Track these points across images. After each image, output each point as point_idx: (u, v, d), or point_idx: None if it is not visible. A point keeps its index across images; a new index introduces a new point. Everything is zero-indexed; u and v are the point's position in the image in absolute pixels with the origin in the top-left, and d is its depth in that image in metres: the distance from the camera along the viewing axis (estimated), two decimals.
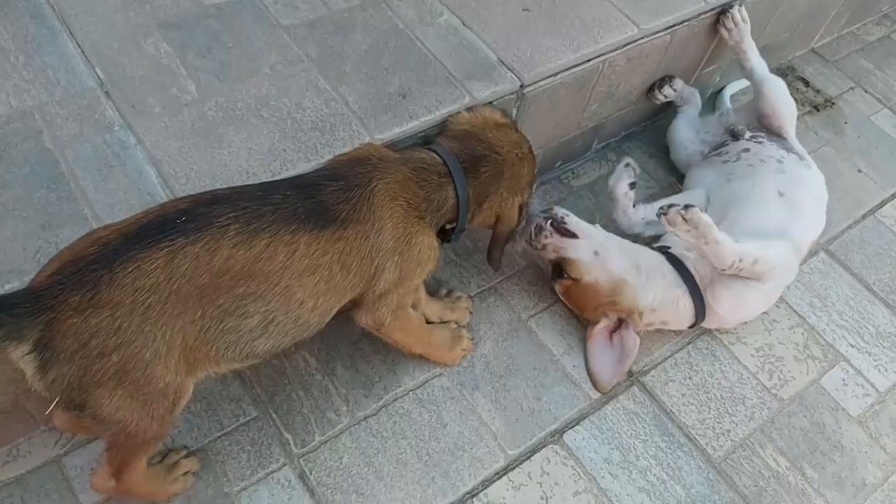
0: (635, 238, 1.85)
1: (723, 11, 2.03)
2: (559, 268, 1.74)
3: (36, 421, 1.46)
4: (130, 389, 1.13)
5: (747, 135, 2.01)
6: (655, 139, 2.28)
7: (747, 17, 2.06)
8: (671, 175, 2.20)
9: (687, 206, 1.51)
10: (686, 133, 2.15)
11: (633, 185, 1.83)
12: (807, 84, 2.58)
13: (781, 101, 2.03)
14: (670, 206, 1.54)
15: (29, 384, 1.08)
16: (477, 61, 1.67)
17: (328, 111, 1.52)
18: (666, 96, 2.10)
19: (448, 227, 1.47)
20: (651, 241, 1.87)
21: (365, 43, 1.65)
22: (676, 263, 1.73)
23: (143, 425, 1.18)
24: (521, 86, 1.66)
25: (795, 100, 2.41)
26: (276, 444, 1.55)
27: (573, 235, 1.71)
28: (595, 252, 1.72)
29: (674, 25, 1.89)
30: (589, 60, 1.76)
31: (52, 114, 1.41)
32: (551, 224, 1.71)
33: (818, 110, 2.50)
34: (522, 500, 1.56)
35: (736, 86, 2.40)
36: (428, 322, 1.70)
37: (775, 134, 2.01)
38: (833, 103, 2.53)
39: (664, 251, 1.77)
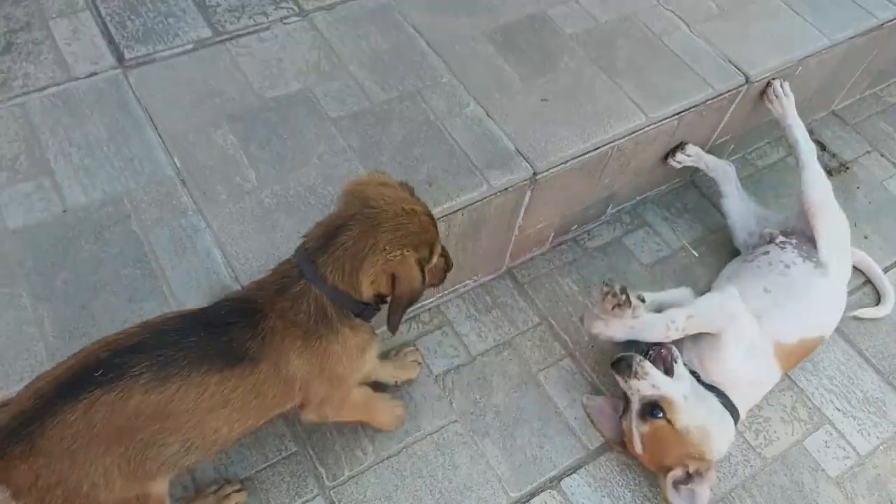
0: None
1: (767, 84, 2.21)
2: (650, 406, 1.73)
3: None
4: None
5: (778, 239, 2.13)
6: (669, 203, 2.47)
7: (790, 92, 2.22)
8: (683, 239, 2.39)
9: (623, 289, 1.70)
10: (737, 221, 2.27)
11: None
12: (823, 148, 2.71)
13: (812, 199, 2.07)
14: (607, 291, 1.73)
15: None
16: (496, 151, 1.91)
17: None
18: (680, 162, 2.26)
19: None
20: None
21: (400, 134, 1.91)
22: (724, 399, 1.82)
23: None
24: (534, 174, 1.89)
25: None
26: (311, 476, 1.83)
27: (670, 371, 1.76)
28: (685, 396, 1.73)
29: (681, 112, 2.09)
30: (597, 148, 1.97)
31: (137, 199, 1.71)
32: (659, 356, 1.76)
33: (832, 175, 2.63)
34: None
35: None
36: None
37: (807, 236, 2.09)
38: (847, 168, 2.67)
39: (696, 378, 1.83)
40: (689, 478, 1.72)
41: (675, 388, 1.73)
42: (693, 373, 1.84)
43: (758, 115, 2.37)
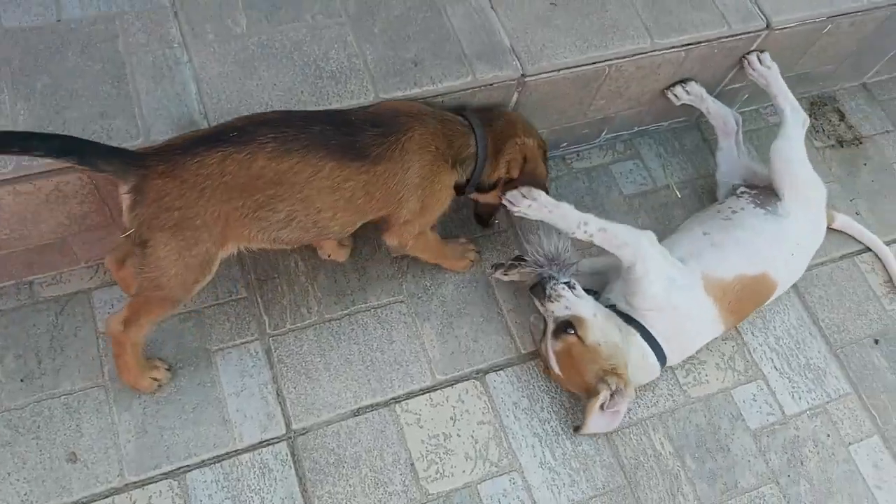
0: None
1: (743, 56, 2.15)
2: (564, 325, 1.80)
3: (78, 259, 1.88)
4: (181, 244, 1.49)
5: (739, 189, 2.14)
6: (667, 141, 2.45)
7: (771, 63, 2.15)
8: (671, 178, 2.38)
9: (528, 189, 1.77)
10: (724, 174, 2.24)
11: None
12: (842, 118, 2.63)
13: (780, 161, 2.06)
14: (511, 193, 1.80)
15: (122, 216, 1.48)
16: (490, 45, 1.89)
17: (348, 65, 1.79)
18: (678, 97, 2.21)
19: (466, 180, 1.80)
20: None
21: (398, 9, 1.90)
22: (625, 317, 1.86)
23: (172, 283, 1.54)
24: (523, 75, 1.88)
25: (822, 130, 2.54)
26: (254, 322, 1.93)
27: (571, 289, 1.82)
28: (594, 314, 1.81)
29: (690, 44, 2.03)
30: (595, 63, 1.94)
31: (128, 23, 1.75)
32: (566, 283, 1.83)
33: (841, 146, 2.57)
34: (434, 416, 1.90)
35: None
36: None
37: (769, 189, 2.09)
38: (860, 142, 2.59)
39: (613, 309, 1.89)
40: (612, 399, 1.77)
41: (585, 307, 1.81)
42: (621, 313, 1.87)
43: (779, 68, 2.30)
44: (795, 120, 2.12)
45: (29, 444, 1.72)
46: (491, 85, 1.87)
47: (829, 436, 2.06)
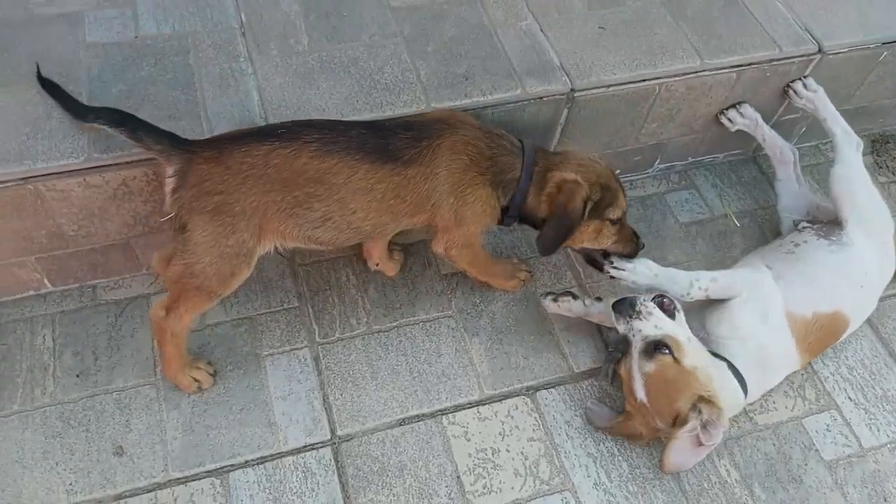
0: None
1: (787, 84, 2.15)
2: (656, 345, 1.66)
3: (140, 264, 1.96)
4: (219, 230, 1.54)
5: (801, 224, 2.08)
6: (723, 173, 2.42)
7: (816, 87, 2.13)
8: (729, 208, 2.33)
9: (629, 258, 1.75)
10: (786, 205, 2.19)
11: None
12: None
13: (840, 187, 2.00)
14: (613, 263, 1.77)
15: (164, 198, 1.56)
16: (540, 62, 1.95)
17: (402, 78, 1.88)
18: (731, 120, 2.18)
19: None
20: None
21: (451, 31, 1.99)
22: (733, 369, 1.74)
23: (208, 271, 1.57)
24: (572, 90, 1.92)
25: (886, 166, 2.47)
26: (304, 330, 1.94)
27: (672, 316, 1.72)
28: (688, 339, 1.69)
29: (741, 65, 2.05)
30: (644, 80, 1.97)
31: (200, 39, 1.89)
32: (661, 305, 1.71)
33: None
34: (482, 430, 1.83)
35: None
36: None
37: (834, 222, 2.02)
38: None
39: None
40: (704, 431, 1.60)
41: (680, 330, 1.69)
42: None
43: (835, 100, 2.27)
44: (849, 143, 2.07)
45: (79, 436, 1.74)
46: (541, 98, 1.91)
47: None
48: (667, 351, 1.65)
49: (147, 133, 1.51)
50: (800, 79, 2.16)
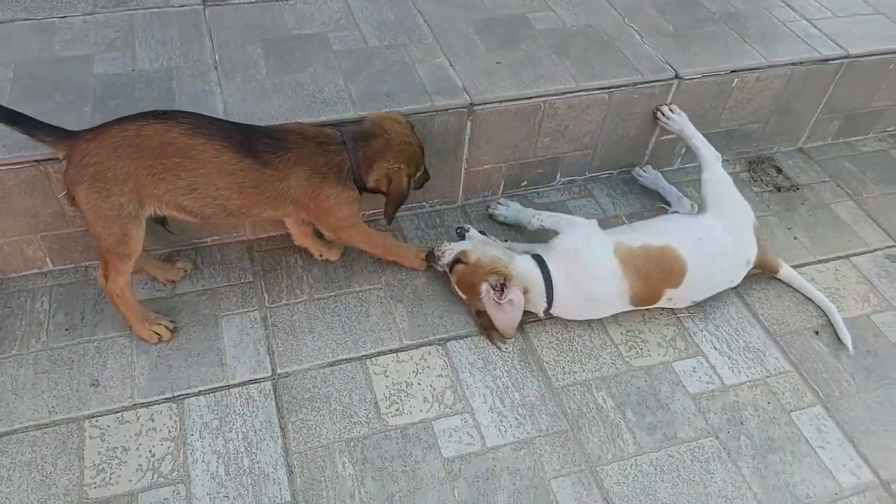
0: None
1: (656, 107, 2.68)
2: (454, 262, 2.26)
3: None
4: (95, 196, 1.86)
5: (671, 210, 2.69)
6: (618, 186, 2.88)
7: (679, 112, 2.65)
8: (620, 210, 2.78)
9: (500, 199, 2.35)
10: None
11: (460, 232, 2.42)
12: (779, 171, 3.03)
13: (706, 188, 2.46)
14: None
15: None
16: (448, 85, 2.48)
17: (337, 96, 2.40)
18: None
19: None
20: None
21: (379, 65, 2.55)
22: (539, 260, 2.25)
23: (103, 233, 1.93)
24: (471, 104, 2.43)
25: (760, 180, 2.95)
26: (256, 298, 2.36)
27: (462, 238, 2.38)
28: (472, 246, 2.29)
29: (611, 87, 2.57)
30: (530, 98, 2.49)
31: (181, 71, 2.45)
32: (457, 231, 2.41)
33: (779, 191, 2.93)
34: (399, 369, 2.20)
35: None
36: None
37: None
38: (798, 188, 2.96)
39: (533, 254, 2.30)
40: (501, 293, 2.16)
41: (463, 244, 2.31)
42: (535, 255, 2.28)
43: (704, 124, 2.79)
44: (710, 153, 2.55)
45: (62, 372, 2.12)
46: (446, 110, 2.42)
47: (769, 403, 2.20)
48: (460, 261, 2.25)
49: (38, 130, 1.89)
50: (667, 105, 2.69)
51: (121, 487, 1.89)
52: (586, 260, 2.20)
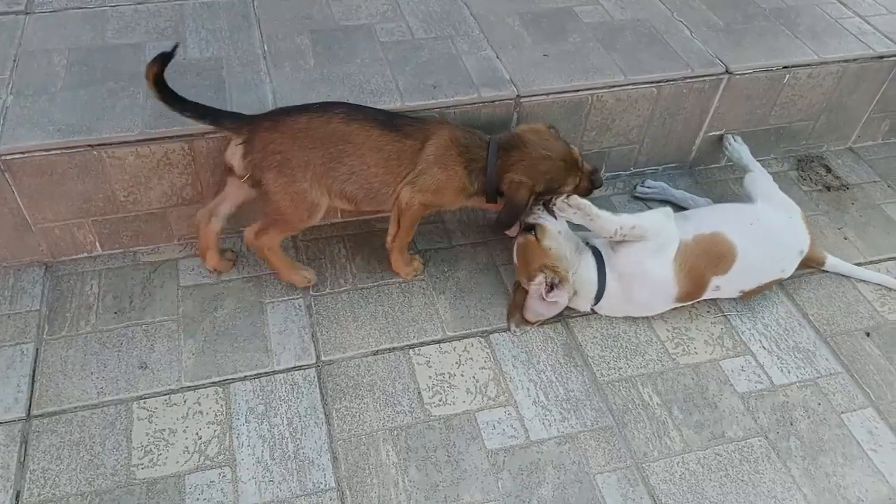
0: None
1: (721, 137, 2.74)
2: (529, 227, 2.24)
3: (173, 234, 2.43)
4: (285, 180, 2.04)
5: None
6: (663, 181, 2.84)
7: (742, 143, 2.69)
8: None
9: (569, 195, 2.15)
10: None
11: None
12: (828, 170, 2.97)
13: (750, 182, 2.48)
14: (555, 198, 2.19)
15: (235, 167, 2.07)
16: (494, 77, 2.47)
17: (383, 87, 2.40)
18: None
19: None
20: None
21: (426, 56, 2.54)
22: (598, 255, 2.24)
23: (290, 213, 2.10)
24: (518, 96, 2.42)
25: (809, 179, 2.90)
26: (301, 287, 2.37)
27: (554, 217, 2.26)
28: (559, 231, 2.24)
29: (659, 81, 2.54)
30: (577, 91, 2.47)
31: (231, 61, 2.47)
32: (545, 205, 2.26)
33: (829, 191, 2.87)
34: (442, 360, 2.19)
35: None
36: None
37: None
38: (847, 188, 2.89)
39: (594, 248, 2.28)
40: (552, 291, 2.13)
41: (552, 222, 2.23)
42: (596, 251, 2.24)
43: (754, 121, 2.75)
44: (762, 170, 2.55)
45: (111, 354, 2.15)
46: (493, 102, 2.41)
47: (819, 404, 2.16)
48: (532, 233, 2.21)
49: (222, 117, 2.05)
50: (732, 133, 2.71)
51: (168, 469, 1.90)
52: (648, 272, 2.18)
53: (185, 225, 2.41)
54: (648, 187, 2.75)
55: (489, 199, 2.21)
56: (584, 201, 2.17)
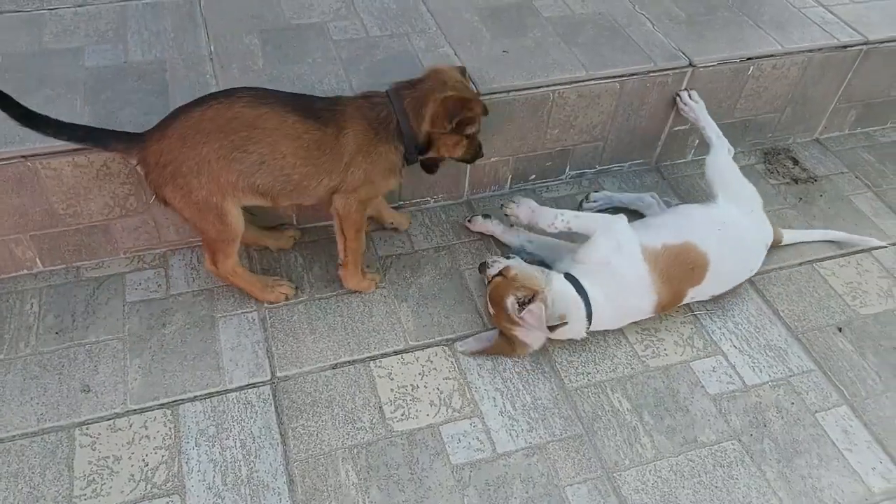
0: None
1: (676, 93, 2.58)
2: (496, 275, 2.13)
3: (118, 248, 2.31)
4: (181, 192, 1.85)
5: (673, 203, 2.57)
6: (628, 178, 2.78)
7: (698, 99, 2.55)
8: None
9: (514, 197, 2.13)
10: None
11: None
12: (795, 163, 2.92)
13: (712, 171, 2.37)
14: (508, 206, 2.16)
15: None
16: None
17: (337, 88, 2.31)
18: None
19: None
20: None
21: (381, 55, 2.45)
22: (572, 280, 2.09)
23: (205, 227, 1.94)
24: (478, 94, 2.33)
25: (776, 172, 2.84)
26: (253, 299, 2.26)
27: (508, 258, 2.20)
28: (517, 264, 2.14)
29: (622, 76, 2.47)
30: (539, 87, 2.39)
31: (176, 63, 2.35)
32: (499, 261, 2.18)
33: (796, 183, 2.83)
34: (404, 371, 2.10)
35: None
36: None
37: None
38: (815, 180, 2.85)
39: (565, 273, 2.13)
40: (522, 306, 1.97)
41: (510, 261, 2.15)
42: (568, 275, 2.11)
43: (720, 112, 2.69)
44: (721, 144, 2.44)
45: (52, 377, 2.02)
46: None
47: (793, 404, 2.10)
48: (500, 275, 2.10)
49: (108, 139, 1.88)
50: (686, 90, 2.58)
51: (112, 499, 1.79)
52: (618, 270, 2.08)
53: (130, 237, 2.29)
54: (594, 201, 2.62)
55: (410, 153, 2.03)
56: (527, 199, 2.19)
